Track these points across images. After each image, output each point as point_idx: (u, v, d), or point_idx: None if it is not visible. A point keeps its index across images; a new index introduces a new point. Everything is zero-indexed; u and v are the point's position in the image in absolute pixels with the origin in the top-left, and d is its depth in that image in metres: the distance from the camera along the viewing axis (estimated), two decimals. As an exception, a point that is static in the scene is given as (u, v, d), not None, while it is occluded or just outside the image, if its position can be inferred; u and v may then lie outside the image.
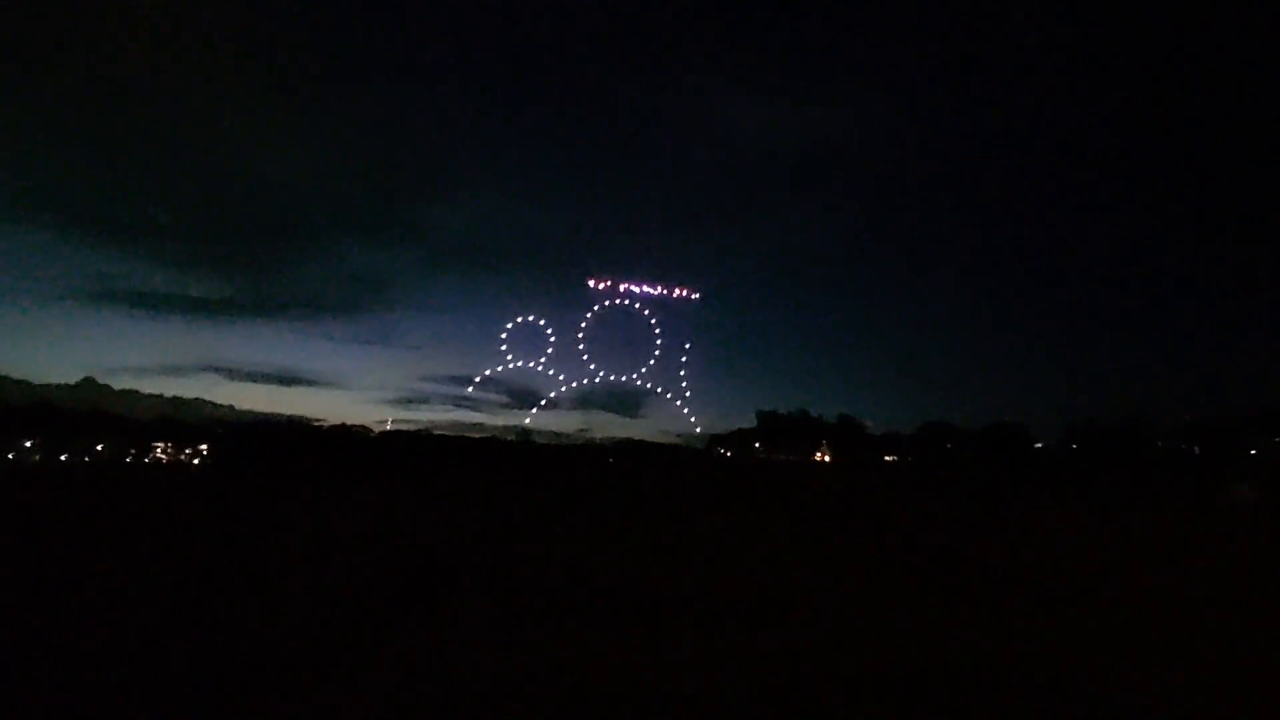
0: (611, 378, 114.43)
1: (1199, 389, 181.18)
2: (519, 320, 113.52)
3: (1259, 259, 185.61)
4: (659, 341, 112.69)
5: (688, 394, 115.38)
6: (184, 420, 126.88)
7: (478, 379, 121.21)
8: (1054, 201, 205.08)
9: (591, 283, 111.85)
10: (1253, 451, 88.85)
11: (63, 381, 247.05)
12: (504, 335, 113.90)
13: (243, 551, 18.48)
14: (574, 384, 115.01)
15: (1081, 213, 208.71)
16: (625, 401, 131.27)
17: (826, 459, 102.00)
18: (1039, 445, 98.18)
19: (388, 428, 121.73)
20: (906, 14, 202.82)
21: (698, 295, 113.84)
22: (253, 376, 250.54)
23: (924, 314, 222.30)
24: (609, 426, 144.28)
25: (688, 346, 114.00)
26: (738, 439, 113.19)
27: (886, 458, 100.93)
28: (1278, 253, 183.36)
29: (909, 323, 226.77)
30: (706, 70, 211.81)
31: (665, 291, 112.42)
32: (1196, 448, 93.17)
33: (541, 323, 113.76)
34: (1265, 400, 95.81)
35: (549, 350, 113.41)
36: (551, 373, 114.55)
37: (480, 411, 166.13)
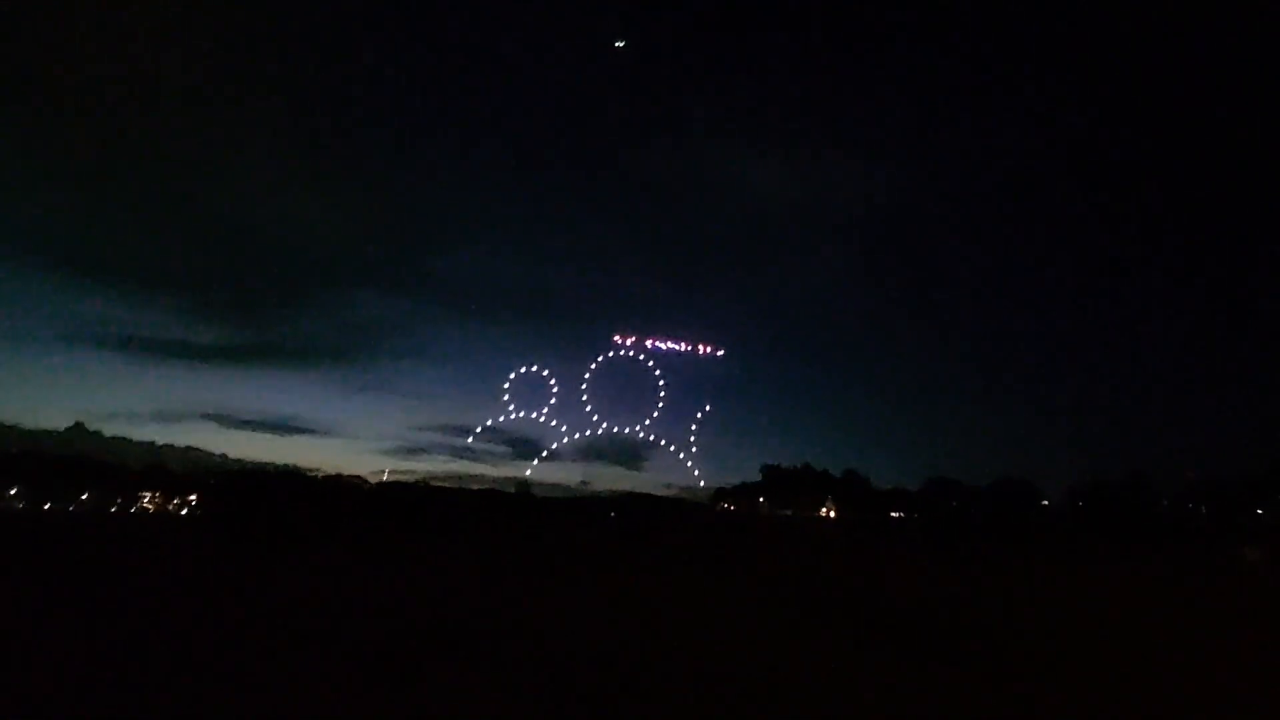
0: (615, 430, 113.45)
1: (1205, 448, 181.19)
2: (522, 371, 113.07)
3: (1264, 318, 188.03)
4: (667, 395, 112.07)
5: (694, 448, 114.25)
6: (175, 469, 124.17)
7: (478, 429, 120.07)
8: (1063, 261, 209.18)
9: (617, 338, 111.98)
10: (1259, 512, 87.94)
11: (53, 427, 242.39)
12: (506, 386, 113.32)
13: (209, 616, 17.40)
14: (576, 435, 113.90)
15: (1089, 272, 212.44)
16: (627, 454, 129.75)
17: (832, 514, 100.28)
18: (1046, 503, 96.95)
19: (384, 478, 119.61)
20: (922, 74, 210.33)
21: (721, 351, 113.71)
22: (248, 424, 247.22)
23: (931, 369, 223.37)
24: (610, 479, 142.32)
25: (708, 407, 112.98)
26: (742, 493, 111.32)
27: (893, 514, 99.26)
28: None
29: (916, 378, 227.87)
30: (715, 128, 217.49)
31: (689, 347, 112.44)
32: (1203, 508, 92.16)
33: (545, 374, 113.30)
34: (1272, 460, 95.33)
35: (551, 401, 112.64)
36: (554, 424, 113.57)
37: (480, 462, 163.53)
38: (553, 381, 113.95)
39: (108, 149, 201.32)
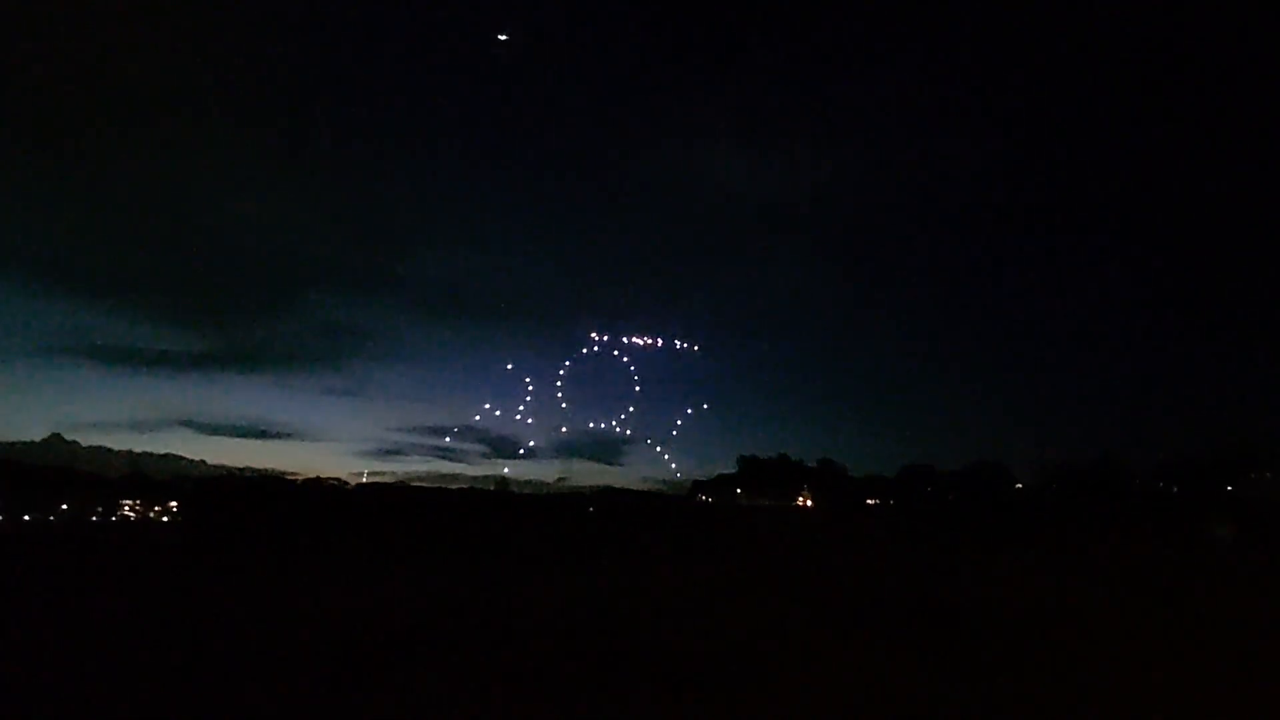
0: (591, 425, 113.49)
1: (1176, 428, 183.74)
2: (498, 370, 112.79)
3: (1229, 298, 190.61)
4: (643, 391, 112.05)
5: (672, 443, 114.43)
6: (154, 476, 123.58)
7: (456, 429, 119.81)
8: (1031, 247, 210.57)
9: (594, 335, 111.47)
10: (1229, 488, 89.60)
11: (28, 438, 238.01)
12: (483, 385, 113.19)
13: (196, 619, 17.74)
14: (554, 432, 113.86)
15: (1057, 258, 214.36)
16: (606, 449, 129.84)
17: (808, 504, 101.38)
18: (1019, 486, 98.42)
19: (364, 480, 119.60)
20: (886, 68, 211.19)
21: (697, 347, 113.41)
22: (226, 431, 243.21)
23: (904, 358, 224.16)
24: (589, 474, 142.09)
25: (705, 407, 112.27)
26: (719, 485, 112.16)
27: (868, 501, 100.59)
28: (1251, 292, 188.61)
29: (889, 367, 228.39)
30: (686, 125, 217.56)
31: (665, 343, 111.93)
32: (1174, 487, 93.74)
33: (521, 372, 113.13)
34: (1241, 437, 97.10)
35: (528, 399, 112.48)
36: (530, 422, 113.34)
37: (459, 462, 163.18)
38: (529, 380, 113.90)
39: (80, 158, 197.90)
